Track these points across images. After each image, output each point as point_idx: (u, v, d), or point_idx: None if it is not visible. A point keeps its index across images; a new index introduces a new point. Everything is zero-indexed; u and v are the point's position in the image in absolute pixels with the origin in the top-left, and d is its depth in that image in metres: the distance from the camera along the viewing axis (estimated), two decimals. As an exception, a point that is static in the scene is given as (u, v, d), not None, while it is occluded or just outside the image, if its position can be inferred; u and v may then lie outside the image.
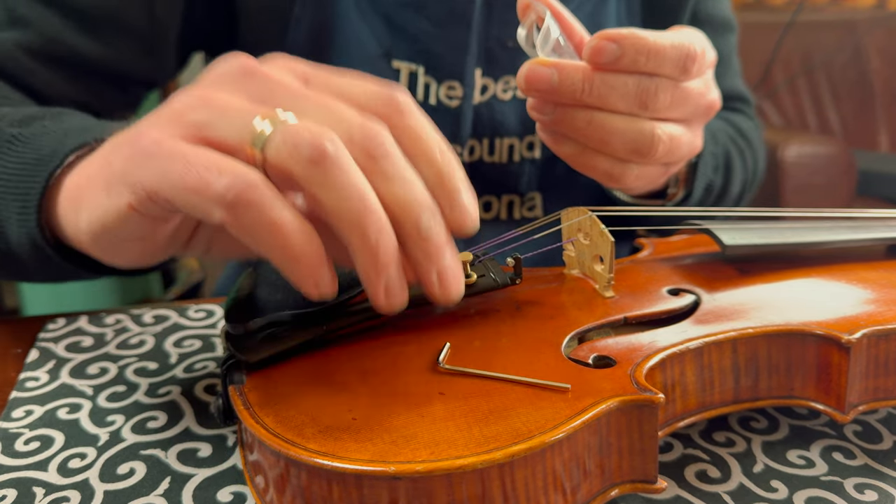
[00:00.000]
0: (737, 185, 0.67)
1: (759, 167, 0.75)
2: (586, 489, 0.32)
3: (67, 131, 0.43)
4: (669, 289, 0.43)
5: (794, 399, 0.39)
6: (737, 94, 0.76)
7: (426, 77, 0.60)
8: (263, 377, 0.34)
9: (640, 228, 0.61)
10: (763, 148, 0.78)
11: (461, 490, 0.28)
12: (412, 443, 0.29)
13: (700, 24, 0.71)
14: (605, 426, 0.31)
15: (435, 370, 0.34)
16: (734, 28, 0.76)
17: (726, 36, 0.74)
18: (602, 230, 0.42)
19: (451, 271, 0.31)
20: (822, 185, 1.76)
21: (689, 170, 0.59)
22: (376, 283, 0.30)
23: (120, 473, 0.37)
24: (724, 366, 0.38)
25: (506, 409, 0.31)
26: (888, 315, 0.39)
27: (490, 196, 0.65)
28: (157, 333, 0.51)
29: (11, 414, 0.42)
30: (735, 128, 0.71)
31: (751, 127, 0.75)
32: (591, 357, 0.36)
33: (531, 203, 0.66)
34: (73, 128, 0.44)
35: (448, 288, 0.31)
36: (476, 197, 0.32)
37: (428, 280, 0.31)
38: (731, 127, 0.71)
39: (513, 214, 0.66)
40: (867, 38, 2.26)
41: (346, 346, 0.37)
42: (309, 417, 0.31)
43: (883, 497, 0.36)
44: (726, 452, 0.39)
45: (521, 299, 0.42)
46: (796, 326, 0.38)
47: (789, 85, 2.25)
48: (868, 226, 0.51)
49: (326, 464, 0.28)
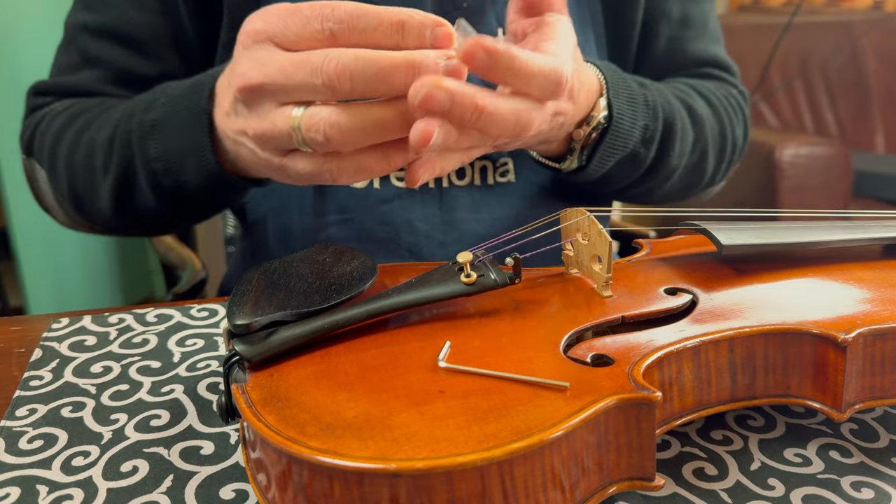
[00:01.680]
0: (686, 146, 0.64)
1: (731, 131, 0.71)
2: (585, 486, 0.32)
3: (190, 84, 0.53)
4: (667, 288, 0.44)
5: (790, 398, 0.39)
6: (711, 59, 0.74)
7: None
8: (266, 376, 0.34)
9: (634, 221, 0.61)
10: (743, 115, 0.75)
11: (461, 487, 0.28)
12: (413, 440, 0.29)
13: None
14: (604, 424, 0.32)
15: (435, 369, 0.35)
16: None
17: (698, 2, 0.74)
18: (600, 230, 0.42)
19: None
20: (819, 186, 1.77)
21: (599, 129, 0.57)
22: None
23: (123, 471, 0.37)
24: (720, 364, 0.38)
25: (505, 408, 0.31)
26: (884, 314, 0.40)
27: None
28: (160, 332, 0.51)
29: (15, 412, 0.42)
30: (690, 87, 0.69)
31: (719, 90, 0.73)
32: (590, 356, 0.36)
33: (504, 168, 0.66)
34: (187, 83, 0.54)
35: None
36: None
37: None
38: (684, 86, 0.69)
39: (486, 180, 0.66)
40: (864, 39, 2.26)
41: (347, 345, 0.37)
42: (311, 415, 0.31)
43: (879, 495, 0.36)
44: (723, 450, 0.40)
45: (520, 299, 0.42)
46: (793, 326, 0.38)
47: (786, 86, 2.25)
48: (864, 226, 0.51)
49: (328, 461, 0.28)
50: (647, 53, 0.73)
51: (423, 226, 0.65)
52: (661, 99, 0.61)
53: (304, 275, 0.41)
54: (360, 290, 0.39)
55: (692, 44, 0.74)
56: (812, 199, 1.75)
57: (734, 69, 0.78)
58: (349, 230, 0.65)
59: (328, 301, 0.38)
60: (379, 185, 0.64)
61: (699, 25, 0.74)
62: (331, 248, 0.44)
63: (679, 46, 0.74)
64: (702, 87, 0.71)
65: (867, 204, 1.90)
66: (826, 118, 2.27)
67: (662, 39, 0.73)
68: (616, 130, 0.56)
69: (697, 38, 0.74)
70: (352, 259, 0.43)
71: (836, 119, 2.27)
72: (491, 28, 0.64)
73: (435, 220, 0.65)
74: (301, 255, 0.44)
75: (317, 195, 0.65)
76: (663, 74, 0.74)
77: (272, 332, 0.36)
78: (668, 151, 0.62)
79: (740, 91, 0.77)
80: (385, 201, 0.64)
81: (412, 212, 0.65)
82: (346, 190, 0.64)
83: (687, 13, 0.73)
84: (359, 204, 0.64)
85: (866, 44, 2.26)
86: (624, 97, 0.57)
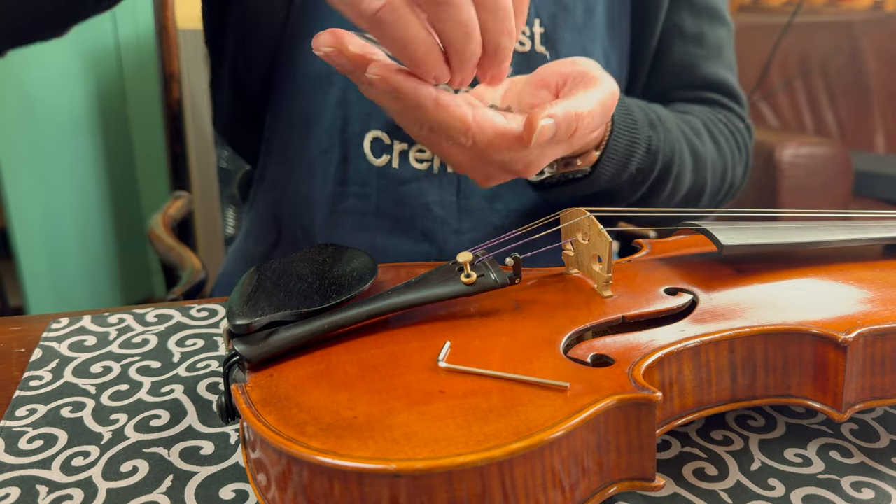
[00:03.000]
0: (681, 188, 0.65)
1: (732, 172, 0.71)
2: (585, 487, 0.32)
3: None
4: (667, 288, 0.44)
5: (791, 398, 0.39)
6: (721, 85, 0.74)
7: None
8: (265, 376, 0.34)
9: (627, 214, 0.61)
10: (746, 152, 0.75)
11: (461, 487, 0.28)
12: (413, 440, 0.29)
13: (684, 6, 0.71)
14: (604, 424, 0.32)
15: (435, 369, 0.35)
16: (726, 23, 0.76)
17: (716, 27, 0.74)
18: (600, 230, 0.42)
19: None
20: (819, 186, 1.77)
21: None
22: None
23: (123, 471, 0.37)
24: (721, 365, 0.38)
25: (505, 408, 0.31)
26: (885, 314, 0.40)
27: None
28: (159, 333, 0.51)
29: (15, 412, 0.42)
30: (704, 124, 0.70)
31: (728, 125, 0.73)
32: (590, 356, 0.36)
33: None
34: None
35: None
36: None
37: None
38: (698, 122, 0.69)
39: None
40: (864, 39, 2.26)
41: (347, 345, 0.37)
42: (310, 415, 0.31)
43: (879, 495, 0.36)
44: (724, 450, 0.40)
45: (520, 299, 0.42)
46: (793, 326, 0.38)
47: (786, 86, 2.25)
48: (864, 226, 0.51)
49: (328, 461, 0.28)
50: (659, 66, 0.74)
51: (440, 210, 0.65)
52: (665, 143, 0.61)
53: (303, 275, 0.41)
54: (360, 290, 0.39)
55: (704, 63, 0.74)
56: (812, 199, 1.75)
57: (743, 100, 0.78)
58: (367, 204, 0.66)
59: (328, 301, 0.38)
60: (398, 164, 0.65)
61: (712, 47, 0.74)
62: (331, 248, 0.44)
63: (690, 63, 0.74)
64: (714, 126, 0.71)
65: (867, 204, 1.90)
66: (826, 118, 2.27)
67: (675, 54, 0.73)
68: (593, 181, 0.57)
69: (710, 59, 0.74)
70: (352, 259, 0.43)
71: (836, 119, 2.28)
72: (529, 19, 0.64)
73: (451, 207, 0.65)
74: (301, 255, 0.44)
75: (340, 164, 0.65)
76: (672, 91, 0.74)
77: (272, 333, 0.36)
78: (657, 193, 0.63)
79: (747, 125, 0.77)
80: (403, 182, 0.65)
81: (430, 195, 0.65)
82: (366, 164, 0.65)
83: (701, 32, 0.73)
84: (378, 181, 0.65)
85: (866, 44, 2.26)
86: (619, 154, 0.57)
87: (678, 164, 0.62)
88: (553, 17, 0.65)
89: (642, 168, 0.59)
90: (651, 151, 0.59)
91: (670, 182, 0.63)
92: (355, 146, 0.65)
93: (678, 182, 0.64)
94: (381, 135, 0.64)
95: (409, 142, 0.64)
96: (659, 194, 0.63)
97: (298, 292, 0.39)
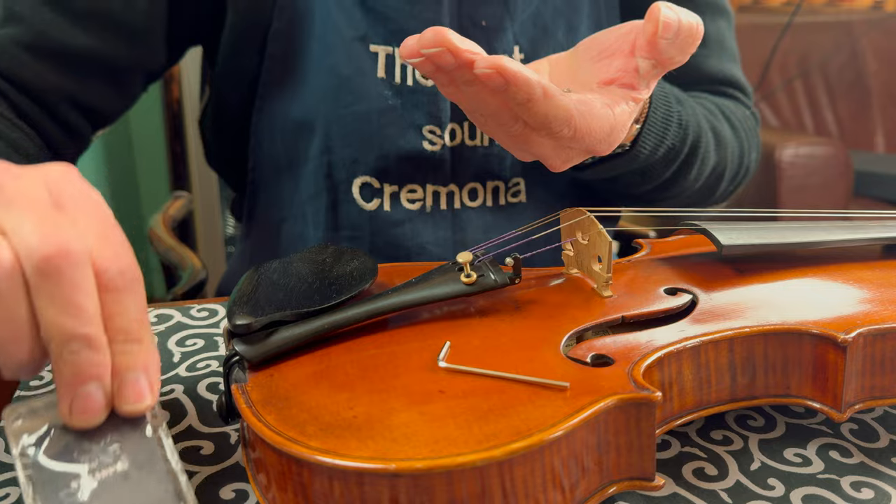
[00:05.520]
0: (706, 169, 0.65)
1: (748, 156, 0.72)
2: (584, 486, 0.32)
3: None
4: (666, 288, 0.44)
5: (790, 398, 0.39)
6: (728, 78, 0.75)
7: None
8: (265, 376, 0.34)
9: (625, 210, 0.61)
10: (756, 139, 0.75)
11: (461, 487, 0.28)
12: (412, 440, 0.29)
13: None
14: (604, 424, 0.32)
15: (435, 369, 0.35)
16: (726, 13, 0.76)
17: (716, 19, 0.74)
18: (600, 230, 0.42)
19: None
20: (819, 186, 1.77)
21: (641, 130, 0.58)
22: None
23: (123, 471, 0.37)
24: (720, 364, 0.38)
25: (505, 408, 0.31)
26: (884, 314, 0.40)
27: (475, 183, 0.65)
28: (160, 332, 0.51)
29: (14, 413, 0.42)
30: (717, 106, 0.70)
31: (738, 111, 0.73)
32: (590, 356, 0.36)
33: (516, 189, 0.66)
34: None
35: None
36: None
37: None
38: (711, 105, 0.69)
39: (498, 201, 0.66)
40: (864, 39, 2.26)
41: (347, 345, 0.37)
42: (310, 415, 0.31)
43: (879, 495, 0.36)
44: (723, 450, 0.40)
45: (520, 299, 0.42)
46: (793, 326, 0.38)
47: (786, 86, 2.25)
48: (864, 226, 0.51)
49: (328, 461, 0.28)
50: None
51: (436, 249, 0.64)
52: (693, 119, 0.60)
53: (304, 275, 0.41)
54: (360, 290, 0.39)
55: (708, 61, 0.73)
56: (812, 199, 1.75)
57: (749, 91, 0.78)
58: (361, 247, 0.64)
59: (328, 301, 0.38)
60: (389, 206, 0.63)
61: (715, 43, 0.73)
62: (331, 248, 0.44)
63: (693, 64, 0.73)
64: (726, 109, 0.71)
65: (867, 204, 1.90)
66: (826, 118, 2.27)
67: None
68: (634, 155, 0.56)
69: (713, 55, 0.73)
70: (352, 259, 0.43)
71: (836, 119, 2.27)
72: (508, 47, 0.63)
73: (447, 243, 0.65)
74: (301, 255, 0.44)
75: (330, 210, 0.64)
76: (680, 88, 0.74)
77: (272, 333, 0.36)
78: (686, 172, 0.62)
79: (753, 114, 0.77)
80: (396, 224, 0.64)
81: (424, 235, 0.64)
82: (357, 208, 0.63)
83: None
84: (371, 224, 0.64)
85: (866, 44, 2.26)
86: (657, 128, 0.56)
87: (704, 143, 0.62)
88: (533, 41, 0.64)
89: (675, 145, 0.58)
90: (682, 126, 0.59)
91: (697, 161, 0.62)
92: (344, 191, 0.63)
93: (703, 162, 0.63)
94: (370, 180, 0.63)
95: (400, 183, 0.63)
96: (687, 175, 0.63)
97: (298, 292, 0.39)
